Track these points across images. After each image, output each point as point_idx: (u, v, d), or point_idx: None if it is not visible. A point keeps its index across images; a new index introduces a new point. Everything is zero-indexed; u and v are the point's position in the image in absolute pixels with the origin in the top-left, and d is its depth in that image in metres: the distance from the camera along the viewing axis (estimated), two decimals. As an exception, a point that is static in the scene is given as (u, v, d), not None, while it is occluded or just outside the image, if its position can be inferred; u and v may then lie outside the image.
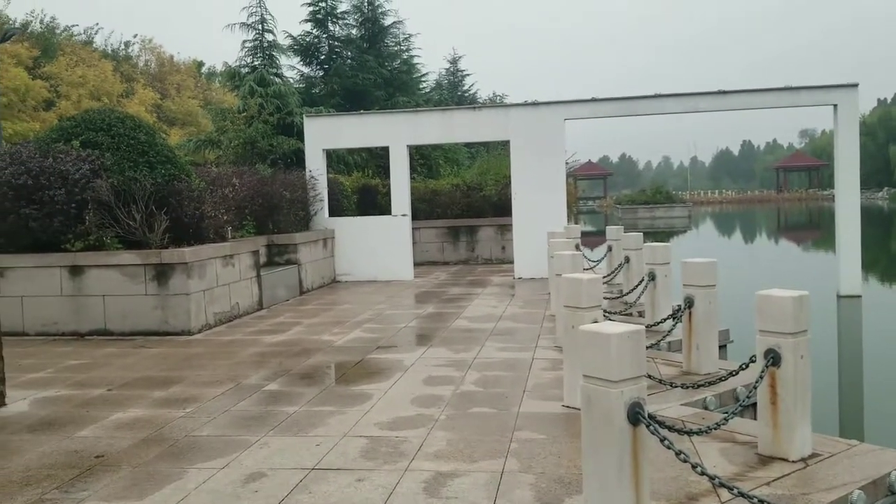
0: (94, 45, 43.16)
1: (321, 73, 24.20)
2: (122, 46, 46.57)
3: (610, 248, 12.04)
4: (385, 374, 6.81)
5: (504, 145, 17.30)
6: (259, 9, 21.16)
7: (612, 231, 12.16)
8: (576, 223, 17.58)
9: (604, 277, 8.47)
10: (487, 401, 5.79)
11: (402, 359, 7.40)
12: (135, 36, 56.27)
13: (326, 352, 7.91)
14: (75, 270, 9.09)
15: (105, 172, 9.32)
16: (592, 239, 24.12)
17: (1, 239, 9.30)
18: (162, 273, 9.01)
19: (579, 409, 3.40)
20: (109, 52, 44.24)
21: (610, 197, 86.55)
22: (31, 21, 39.48)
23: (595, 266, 11.93)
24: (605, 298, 9.08)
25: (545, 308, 10.33)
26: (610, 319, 5.96)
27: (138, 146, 9.78)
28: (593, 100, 14.13)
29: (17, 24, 35.33)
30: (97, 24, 48.28)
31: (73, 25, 43.62)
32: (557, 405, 5.58)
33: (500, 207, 17.49)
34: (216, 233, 10.31)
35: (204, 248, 9.52)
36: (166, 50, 48.77)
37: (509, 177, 14.71)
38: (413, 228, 15.23)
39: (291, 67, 24.11)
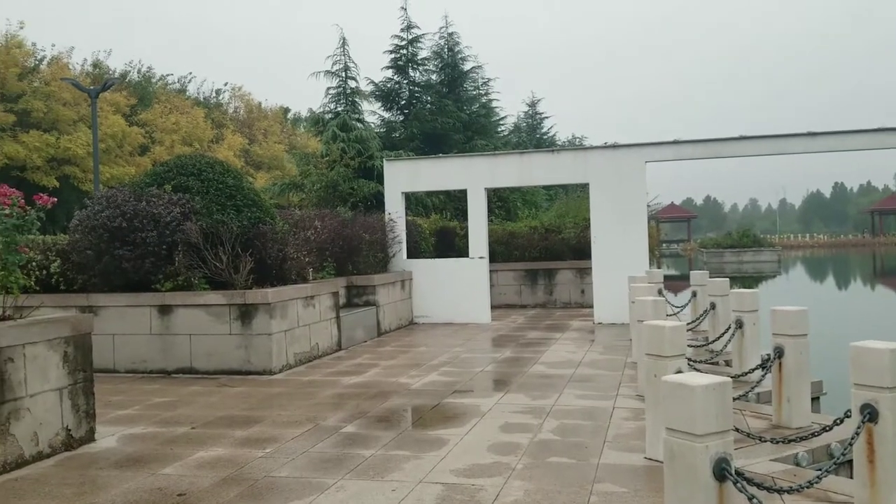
0: (187, 93, 45.38)
1: (401, 118, 24.69)
2: (214, 94, 48.80)
3: (694, 294, 11.70)
4: (461, 419, 6.74)
5: (583, 187, 17.18)
6: (343, 57, 21.83)
7: (697, 276, 11.83)
8: (658, 267, 17.21)
9: (688, 324, 8.22)
10: (566, 450, 5.65)
11: (478, 404, 7.32)
12: (225, 84, 58.92)
13: (403, 395, 7.90)
14: (164, 310, 9.42)
15: (194, 215, 9.67)
16: (676, 284, 23.53)
17: (96, 278, 9.72)
18: (246, 313, 9.23)
19: (662, 462, 3.27)
20: (201, 99, 46.39)
21: (694, 240, 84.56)
22: (130, 71, 41.87)
23: (679, 312, 11.60)
24: (689, 346, 8.80)
25: (626, 355, 10.09)
26: (694, 369, 5.76)
27: (226, 190, 10.13)
28: (675, 142, 13.91)
29: (116, 74, 37.51)
30: (190, 72, 51.05)
31: (168, 74, 46.02)
32: (639, 457, 5.39)
33: (580, 250, 17.30)
34: (298, 274, 10.52)
35: (286, 289, 9.73)
36: (255, 97, 50.86)
37: (589, 219, 14.55)
38: (490, 271, 15.20)
39: (373, 113, 24.72)
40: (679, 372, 4.89)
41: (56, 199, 7.03)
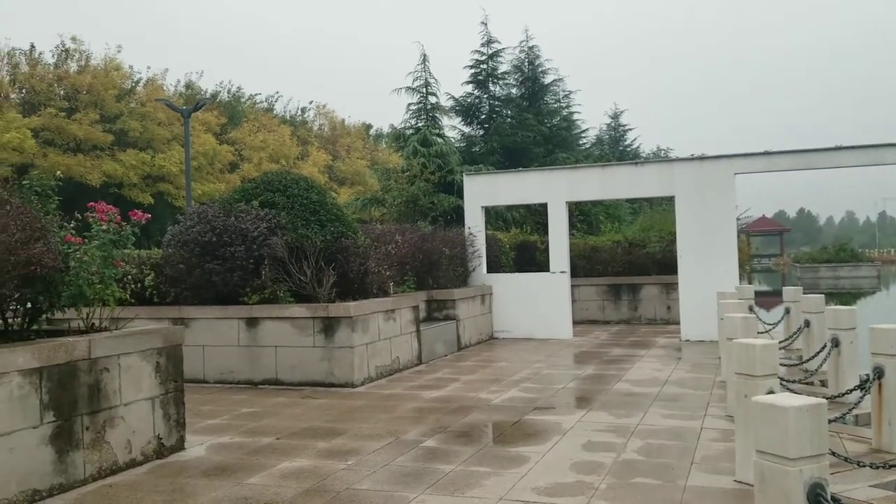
0: (274, 111, 46.75)
1: (481, 132, 24.75)
2: (299, 112, 50.11)
3: (787, 311, 11.24)
4: (543, 436, 6.64)
5: (669, 200, 16.79)
6: (423, 73, 22.07)
7: (790, 292, 11.37)
8: (749, 283, 16.64)
9: (780, 342, 7.89)
10: (652, 471, 5.48)
11: (560, 421, 7.20)
12: (310, 102, 60.54)
13: (483, 410, 7.85)
14: (251, 322, 9.67)
15: (280, 230, 9.91)
16: (768, 300, 22.68)
17: (187, 291, 10.07)
18: (329, 326, 9.38)
19: (753, 486, 3.12)
20: (288, 117, 47.71)
21: (787, 255, 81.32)
22: (220, 91, 43.43)
23: (771, 330, 11.17)
24: (781, 365, 8.44)
25: (715, 374, 9.75)
26: (787, 389, 5.52)
27: (310, 205, 10.34)
28: (767, 153, 13.43)
29: (207, 95, 38.98)
30: (277, 92, 52.39)
31: (256, 94, 47.50)
32: (728, 480, 5.18)
33: (665, 265, 16.89)
34: (379, 288, 10.63)
35: (367, 302, 9.84)
36: (338, 114, 51.95)
37: (674, 233, 14.20)
38: (572, 286, 15.00)
39: (453, 127, 24.87)
40: (771, 392, 4.68)
41: (150, 216, 7.32)
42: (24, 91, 31.99)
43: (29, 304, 6.06)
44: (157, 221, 26.16)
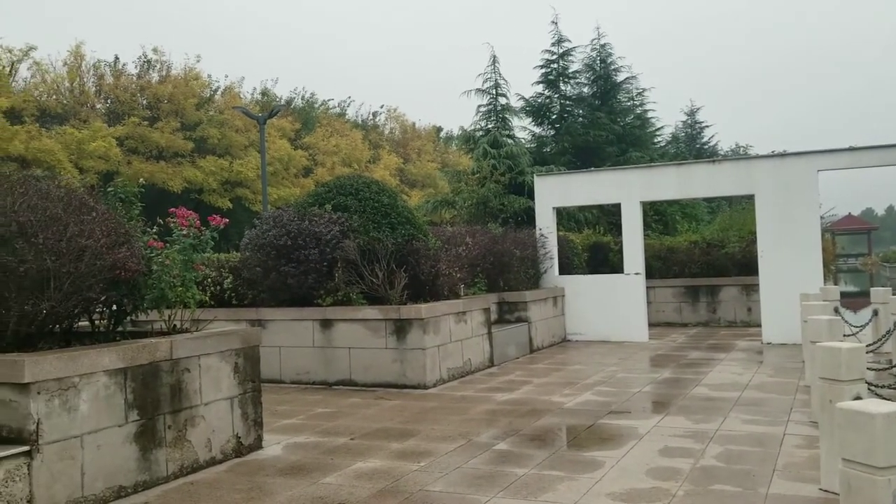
0: (346, 116, 47.51)
1: (552, 132, 24.53)
2: (371, 116, 50.77)
3: (876, 313, 10.72)
4: (618, 440, 6.52)
5: (748, 199, 16.28)
6: (493, 75, 22.01)
7: (879, 293, 10.84)
8: (834, 283, 15.98)
9: (868, 346, 7.53)
10: (731, 478, 5.31)
11: (636, 426, 7.06)
12: (381, 106, 61.23)
13: (556, 413, 7.76)
14: (325, 324, 9.82)
15: (352, 233, 10.04)
16: (855, 301, 21.71)
17: (264, 294, 10.30)
18: (400, 328, 9.45)
19: (838, 495, 2.98)
20: (359, 122, 48.41)
21: (875, 254, 77.85)
22: (294, 98, 44.40)
23: (858, 332, 10.69)
24: (869, 370, 8.06)
25: (798, 378, 9.40)
26: (876, 395, 5.27)
27: (382, 209, 10.44)
28: (851, 149, 12.87)
29: (282, 101, 39.92)
30: (349, 97, 53.39)
31: (329, 99, 48.36)
32: (813, 488, 4.98)
33: (745, 265, 16.38)
34: (450, 290, 10.65)
35: (439, 304, 9.87)
36: (409, 118, 52.40)
37: (755, 233, 13.75)
38: (647, 287, 14.70)
39: (523, 128, 24.72)
40: (858, 398, 4.47)
41: (228, 220, 7.52)
42: (109, 101, 33.40)
43: (114, 307, 6.31)
44: (235, 225, 26.91)
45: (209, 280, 10.40)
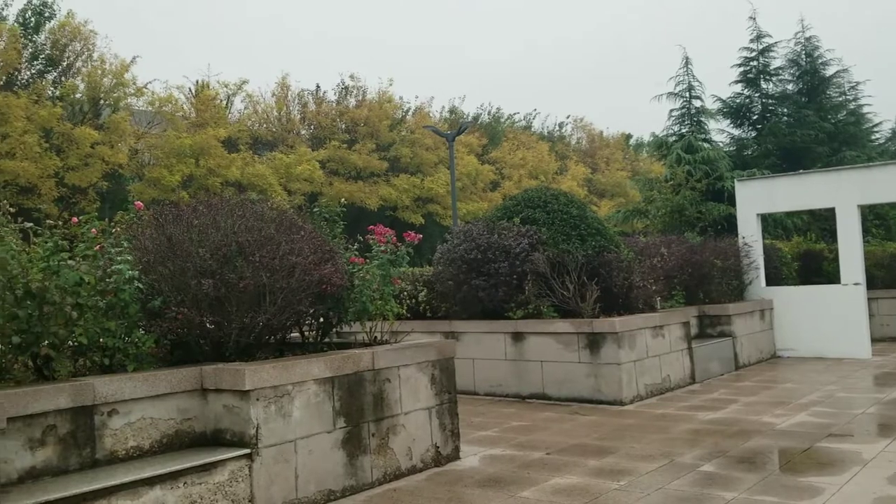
0: (532, 128, 47.64)
1: (753, 134, 23.07)
2: (557, 127, 50.53)
3: None
4: (838, 466, 5.93)
5: None
6: (686, 77, 21.14)
7: None
8: None
9: None
10: None
11: (859, 450, 6.38)
12: (567, 117, 60.75)
13: (767, 435, 7.21)
14: (517, 337, 9.82)
15: (541, 246, 9.98)
16: None
17: (456, 306, 10.50)
18: (594, 342, 9.24)
19: None
20: (545, 133, 48.34)
21: None
22: (481, 114, 45.24)
23: None
24: None
25: None
26: None
27: (571, 220, 10.30)
28: None
29: (469, 118, 40.81)
30: (535, 109, 53.13)
31: (514, 113, 48.73)
32: None
33: None
34: (645, 303, 10.28)
35: (633, 318, 9.54)
36: (596, 126, 51.59)
37: None
38: (869, 299, 13.35)
39: (721, 131, 23.47)
40: None
41: (421, 236, 7.76)
42: (312, 127, 35.86)
43: (321, 319, 6.70)
44: (427, 240, 27.77)
45: (405, 293, 10.77)
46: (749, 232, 13.94)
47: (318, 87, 36.52)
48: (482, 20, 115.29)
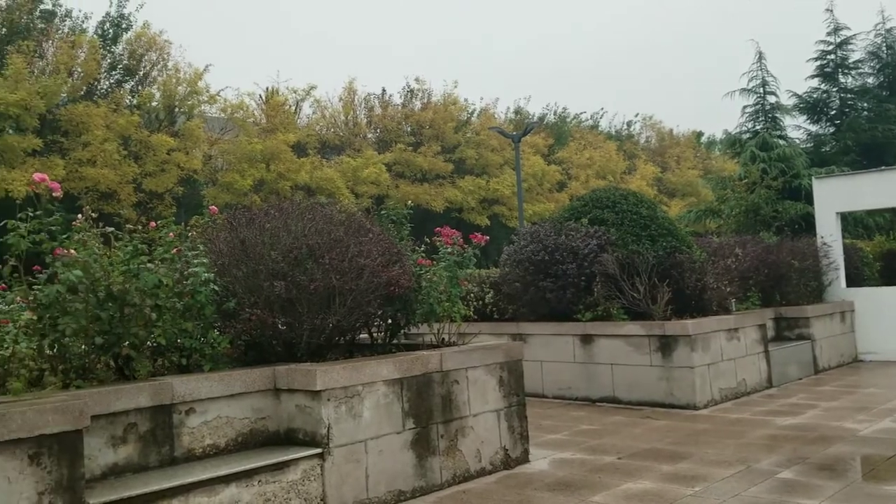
0: (599, 128, 47.08)
1: (831, 130, 22.28)
2: (625, 126, 49.81)
3: None
4: (931, 477, 5.65)
5: None
6: (760, 72, 20.58)
7: None
8: None
9: None
10: None
11: (953, 460, 6.07)
12: (636, 115, 59.80)
13: (849, 441, 6.93)
14: (585, 339, 9.69)
15: (610, 247, 9.82)
16: None
17: (524, 308, 10.42)
18: (665, 345, 9.04)
19: None
20: (613, 133, 47.71)
21: None
22: (547, 114, 44.96)
23: None
24: None
25: None
26: None
27: (640, 220, 10.11)
28: None
29: (535, 118, 40.60)
30: (602, 108, 52.83)
31: (581, 113, 48.27)
32: None
33: None
34: (719, 305, 10.01)
35: (707, 320, 9.31)
36: (666, 125, 50.63)
37: None
38: (959, 300, 12.70)
39: (797, 127, 22.75)
40: None
41: (488, 237, 7.73)
42: (378, 130, 36.27)
43: (389, 321, 6.74)
44: (493, 242, 27.67)
45: (472, 295, 10.76)
46: (828, 231, 13.45)
47: (383, 90, 36.94)
48: (548, 20, 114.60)
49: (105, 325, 4.80)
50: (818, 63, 22.36)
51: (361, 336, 6.70)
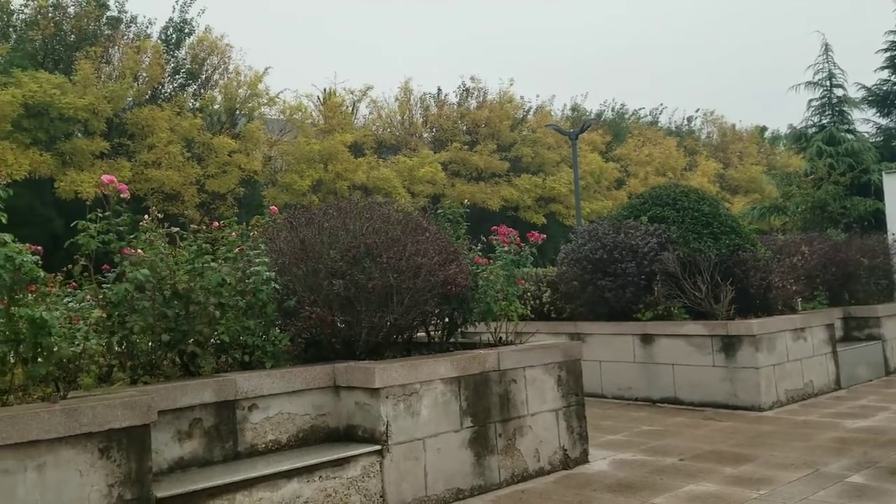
0: (658, 124, 46.26)
1: (903, 123, 21.45)
2: (685, 122, 48.84)
3: None
4: None
5: None
6: (826, 65, 19.94)
7: None
8: None
9: None
10: None
11: None
12: (697, 110, 58.68)
13: (925, 446, 6.66)
14: (646, 339, 9.54)
15: (671, 245, 9.65)
16: None
17: (582, 307, 10.31)
18: (728, 345, 8.84)
19: None
20: (673, 129, 46.84)
21: None
22: (605, 110, 44.37)
23: None
24: None
25: None
26: None
27: (702, 218, 9.90)
28: None
29: (592, 115, 40.14)
30: (661, 104, 51.65)
31: (639, 109, 47.54)
32: None
33: None
34: (784, 304, 9.74)
35: (772, 320, 9.06)
36: (728, 119, 49.51)
37: None
38: None
39: (866, 121, 21.94)
40: None
41: (545, 236, 7.68)
42: (433, 130, 36.37)
43: (446, 319, 6.75)
44: (550, 240, 27.46)
45: (529, 294, 10.67)
46: (900, 228, 12.95)
47: (439, 90, 37.01)
48: (595, 17, 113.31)
49: (171, 323, 4.93)
50: (888, 54, 21.52)
51: (419, 334, 6.73)
